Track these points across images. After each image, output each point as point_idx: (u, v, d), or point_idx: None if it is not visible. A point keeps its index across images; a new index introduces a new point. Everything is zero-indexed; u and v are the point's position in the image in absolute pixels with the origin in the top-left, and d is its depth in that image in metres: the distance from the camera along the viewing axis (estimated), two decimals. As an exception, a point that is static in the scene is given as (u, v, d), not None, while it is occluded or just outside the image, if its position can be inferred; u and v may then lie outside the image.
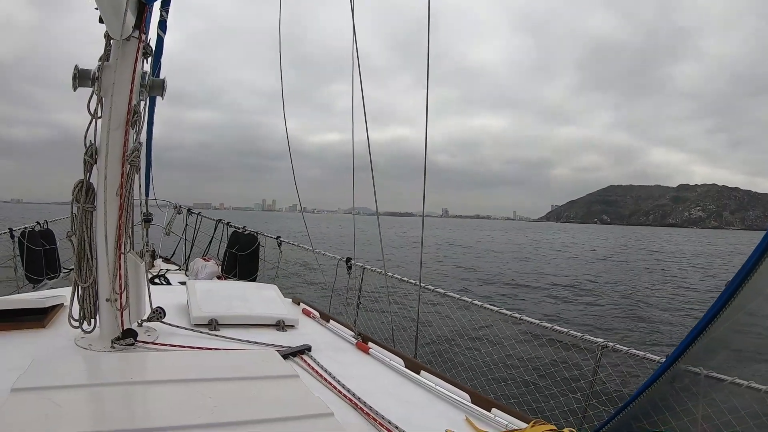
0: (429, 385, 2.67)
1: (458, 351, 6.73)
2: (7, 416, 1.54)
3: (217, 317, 3.38)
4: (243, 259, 7.42)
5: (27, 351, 2.51)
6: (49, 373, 1.92)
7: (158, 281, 6.22)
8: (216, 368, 2.17)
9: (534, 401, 5.26)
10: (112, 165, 2.67)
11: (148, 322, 3.13)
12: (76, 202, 2.68)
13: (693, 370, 2.00)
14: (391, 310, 4.43)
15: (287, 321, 3.58)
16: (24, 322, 2.90)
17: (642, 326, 13.57)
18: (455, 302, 5.55)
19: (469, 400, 2.51)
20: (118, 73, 2.68)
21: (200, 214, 9.99)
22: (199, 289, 3.84)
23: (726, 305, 1.61)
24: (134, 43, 2.76)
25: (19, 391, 1.71)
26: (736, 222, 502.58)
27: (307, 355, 2.95)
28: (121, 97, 2.69)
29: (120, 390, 1.85)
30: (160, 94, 3.02)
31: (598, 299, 18.30)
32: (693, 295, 20.33)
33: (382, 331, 6.23)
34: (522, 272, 26.49)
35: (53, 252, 7.49)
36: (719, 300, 1.64)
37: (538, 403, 5.22)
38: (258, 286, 4.66)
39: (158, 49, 5.91)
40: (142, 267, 3.04)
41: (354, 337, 3.46)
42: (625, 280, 25.06)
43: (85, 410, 1.73)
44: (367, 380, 2.68)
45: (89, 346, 2.71)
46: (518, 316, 4.79)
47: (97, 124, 2.70)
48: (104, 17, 2.57)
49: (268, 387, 2.03)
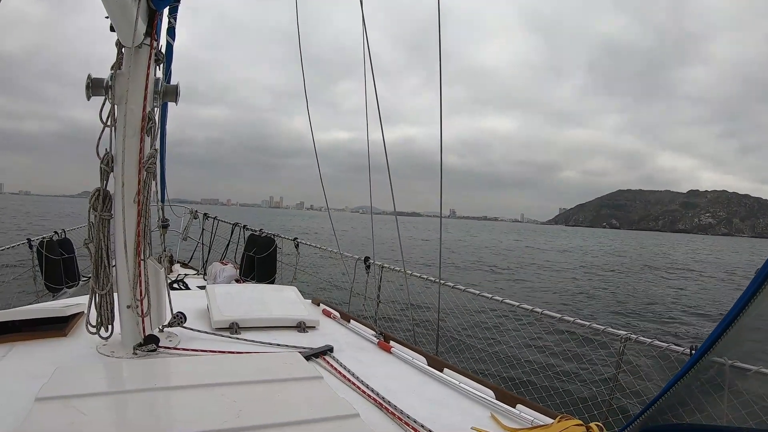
0: (452, 383, 2.66)
1: (480, 347, 6.70)
2: (33, 426, 1.55)
3: (237, 320, 3.39)
4: (261, 261, 7.44)
5: (49, 359, 2.53)
6: (72, 381, 1.93)
7: (177, 286, 6.26)
8: (240, 372, 2.17)
9: (557, 395, 5.21)
10: (129, 172, 2.68)
11: (169, 328, 3.14)
12: (93, 210, 2.69)
13: (718, 360, 1.97)
14: (411, 308, 4.41)
15: (308, 322, 3.58)
16: (45, 331, 2.92)
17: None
18: (475, 298, 5.51)
19: (493, 397, 2.49)
20: (132, 80, 2.69)
21: (216, 218, 10.04)
22: (219, 293, 3.85)
23: (757, 293, 1.57)
24: (146, 50, 2.76)
25: (43, 400, 1.71)
26: (746, 229, 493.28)
27: (330, 356, 2.94)
28: (136, 104, 2.70)
29: (145, 396, 1.85)
30: (173, 100, 3.01)
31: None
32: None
33: (402, 329, 6.21)
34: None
35: (72, 261, 7.59)
36: (749, 289, 1.60)
37: (562, 398, 5.17)
38: (277, 288, 4.67)
39: (168, 56, 5.95)
40: (161, 273, 3.05)
41: (375, 336, 3.45)
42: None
43: (110, 418, 1.73)
44: (390, 379, 2.67)
45: (111, 353, 2.72)
46: (539, 311, 4.74)
47: (111, 132, 2.71)
48: (115, 26, 2.56)
49: (293, 389, 2.02)
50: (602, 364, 4.95)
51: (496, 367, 5.81)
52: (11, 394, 2.07)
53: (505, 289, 18.99)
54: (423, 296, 6.22)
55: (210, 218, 10.10)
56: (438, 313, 4.31)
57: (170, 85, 3.00)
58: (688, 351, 3.51)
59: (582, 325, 4.44)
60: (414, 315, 4.45)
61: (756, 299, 1.62)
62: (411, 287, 4.45)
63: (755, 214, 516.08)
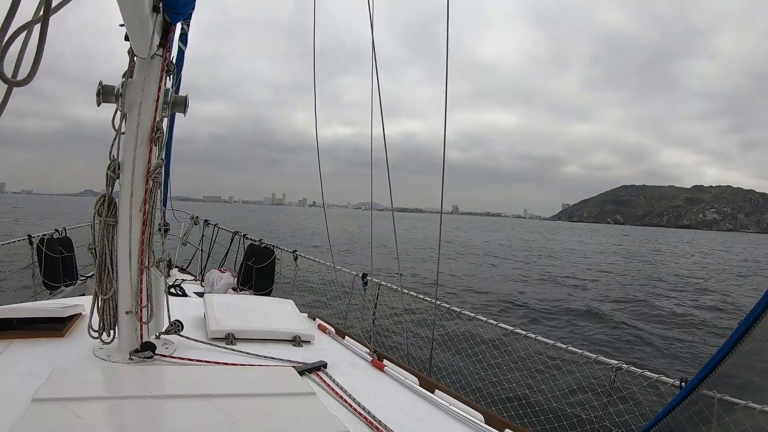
0: (443, 404, 2.67)
1: (472, 369, 6.69)
2: (29, 427, 1.57)
3: (233, 331, 3.40)
4: (259, 271, 7.45)
5: (46, 360, 2.54)
6: (69, 383, 1.95)
7: (174, 291, 6.26)
8: (234, 384, 2.19)
9: (548, 421, 5.20)
10: (137, 181, 2.72)
11: (165, 335, 3.15)
12: (98, 215, 2.72)
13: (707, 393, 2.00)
14: (406, 326, 4.42)
15: (303, 337, 3.59)
16: (43, 331, 2.94)
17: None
18: (470, 320, 5.52)
19: (482, 421, 2.51)
20: (143, 91, 2.73)
21: (217, 225, 10.06)
22: (217, 302, 3.86)
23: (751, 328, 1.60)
24: (158, 61, 2.81)
25: (40, 401, 1.73)
26: (751, 225, 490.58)
27: (323, 372, 2.96)
28: (146, 114, 2.74)
29: (140, 403, 1.87)
30: (182, 111, 3.05)
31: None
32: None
33: (396, 346, 6.20)
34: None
35: (71, 259, 7.58)
36: (743, 324, 1.63)
37: (552, 423, 5.17)
38: (275, 300, 4.69)
39: (179, 62, 6.00)
40: (162, 281, 3.07)
41: (369, 354, 3.46)
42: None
43: (106, 423, 1.75)
44: (381, 398, 2.68)
45: (108, 357, 2.74)
46: (533, 336, 4.76)
47: (118, 140, 2.75)
48: (131, 36, 2.61)
49: (286, 404, 2.04)
50: (593, 392, 4.95)
51: (487, 390, 5.80)
52: (6, 392, 2.09)
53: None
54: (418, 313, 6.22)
55: (210, 225, 10.12)
56: (433, 333, 4.33)
57: (180, 96, 3.04)
58: (678, 383, 3.54)
59: (574, 352, 4.46)
60: (408, 334, 4.45)
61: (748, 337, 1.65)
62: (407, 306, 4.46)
63: (760, 209, 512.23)
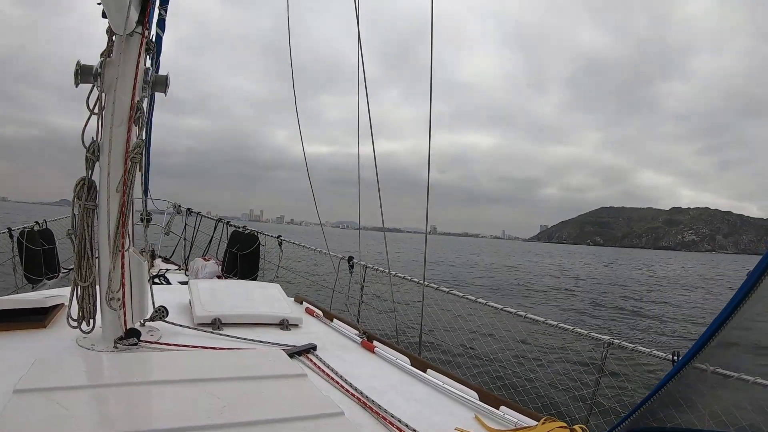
0: (436, 384, 2.65)
1: (463, 350, 6.70)
2: (11, 418, 1.51)
3: (220, 316, 3.35)
4: (243, 258, 7.38)
5: (28, 351, 2.47)
6: (51, 373, 1.88)
7: (158, 281, 6.17)
8: (223, 368, 2.14)
9: (540, 398, 5.23)
10: (115, 162, 2.63)
11: (150, 322, 3.09)
12: (78, 199, 2.63)
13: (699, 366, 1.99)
14: (395, 308, 4.39)
15: (291, 320, 3.55)
16: (24, 323, 2.86)
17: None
18: (459, 300, 5.51)
19: (477, 398, 2.49)
20: (122, 68, 2.64)
21: (200, 213, 9.94)
22: (202, 288, 3.80)
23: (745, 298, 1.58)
24: (137, 38, 2.73)
25: (21, 392, 1.67)
26: (730, 246, 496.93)
27: (313, 354, 2.92)
28: (125, 93, 2.66)
29: (126, 391, 1.81)
30: (162, 90, 2.97)
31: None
32: None
33: (385, 329, 6.19)
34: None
35: (52, 252, 7.45)
36: (737, 294, 1.61)
37: (545, 400, 5.20)
38: (261, 285, 4.63)
39: (158, 47, 5.87)
40: (144, 265, 3.00)
41: (359, 335, 3.43)
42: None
43: (91, 412, 1.69)
44: (374, 379, 2.65)
45: (92, 346, 2.67)
46: (523, 314, 4.76)
47: (98, 121, 2.66)
48: (108, 12, 2.53)
49: (277, 386, 2.00)
50: (585, 369, 4.98)
51: (478, 369, 5.82)
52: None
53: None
54: (407, 296, 6.20)
55: (193, 214, 9.99)
56: (422, 313, 4.30)
57: (160, 75, 2.96)
58: (671, 357, 3.55)
59: (565, 329, 4.47)
60: (397, 316, 4.43)
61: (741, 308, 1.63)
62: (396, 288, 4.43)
63: (738, 230, 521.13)
